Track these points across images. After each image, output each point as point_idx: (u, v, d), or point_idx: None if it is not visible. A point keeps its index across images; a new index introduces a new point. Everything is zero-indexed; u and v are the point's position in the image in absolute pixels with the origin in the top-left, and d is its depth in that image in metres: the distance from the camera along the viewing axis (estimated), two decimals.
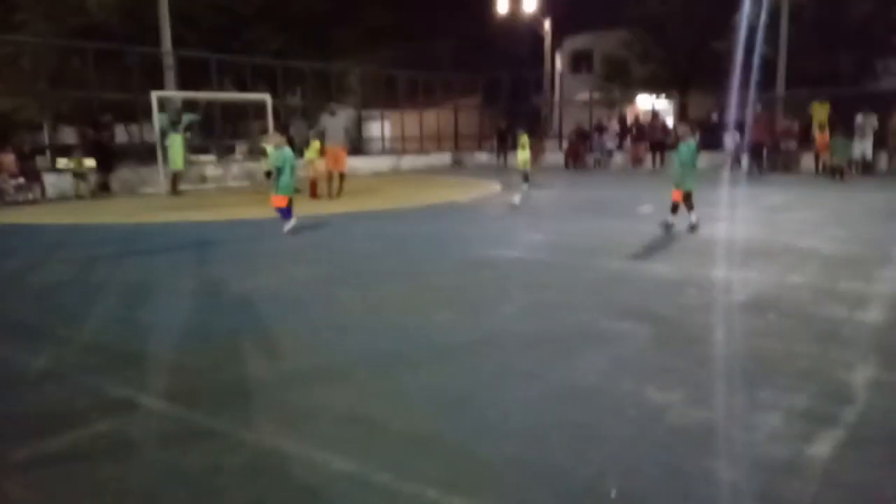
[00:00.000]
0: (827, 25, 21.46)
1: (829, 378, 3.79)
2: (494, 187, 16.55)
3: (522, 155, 13.01)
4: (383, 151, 26.21)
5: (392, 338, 4.67)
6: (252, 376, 3.98)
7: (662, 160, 21.29)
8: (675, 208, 9.10)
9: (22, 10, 24.84)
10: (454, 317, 5.19)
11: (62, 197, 15.09)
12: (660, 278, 6.28)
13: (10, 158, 14.40)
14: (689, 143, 9.20)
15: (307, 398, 3.65)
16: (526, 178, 12.91)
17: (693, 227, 8.91)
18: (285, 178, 9.41)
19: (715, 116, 23.82)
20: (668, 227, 9.00)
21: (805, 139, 19.86)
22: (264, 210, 12.19)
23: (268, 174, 16.64)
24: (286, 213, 9.49)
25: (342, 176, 14.29)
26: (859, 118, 18.12)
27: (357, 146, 25.57)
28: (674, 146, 10.68)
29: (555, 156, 25.05)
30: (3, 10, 25.03)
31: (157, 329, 4.95)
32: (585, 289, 6.01)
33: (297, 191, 9.91)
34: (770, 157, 19.91)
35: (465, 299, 5.75)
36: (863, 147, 18.12)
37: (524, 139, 13.23)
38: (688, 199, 9.05)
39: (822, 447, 2.97)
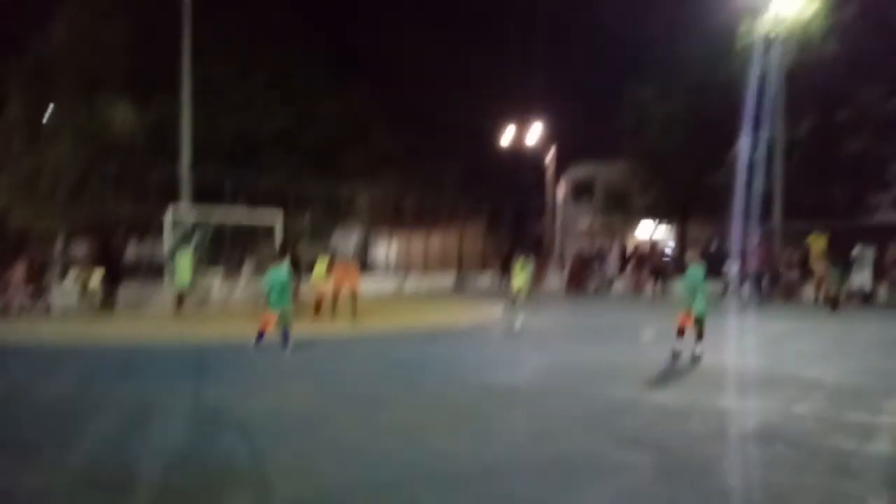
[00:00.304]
0: (821, 161, 22.32)
1: None
2: (497, 311, 16.60)
3: (518, 279, 13.08)
4: (388, 271, 26.56)
5: (393, 465, 4.58)
6: (250, 501, 3.89)
7: (663, 287, 21.47)
8: (681, 332, 8.89)
9: (48, 129, 26.06)
10: (457, 444, 5.11)
11: (67, 310, 15.18)
12: (665, 407, 6.22)
13: (20, 271, 14.61)
14: (697, 267, 9.17)
15: None
16: (515, 302, 12.80)
17: (696, 358, 8.69)
18: (274, 297, 9.42)
19: (714, 245, 24.27)
20: (676, 356, 8.76)
21: (805, 269, 20.11)
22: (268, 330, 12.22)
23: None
24: (283, 335, 9.33)
25: (354, 294, 13.86)
26: (856, 250, 18.46)
27: (363, 265, 25.95)
28: (681, 271, 10.64)
29: (556, 281, 25.31)
30: (31, 129, 26.26)
31: (152, 453, 4.84)
32: (590, 417, 5.94)
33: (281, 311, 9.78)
34: (770, 285, 20.11)
35: (469, 426, 5.68)
36: (861, 278, 18.33)
37: (521, 263, 13.32)
38: (699, 325, 8.81)
39: None
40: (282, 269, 9.59)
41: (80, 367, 8.75)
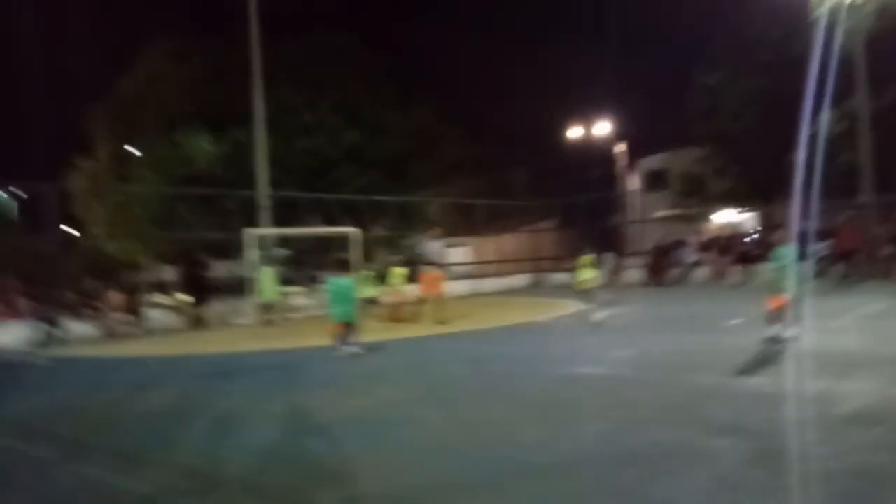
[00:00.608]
0: None
1: None
2: (575, 306, 16.46)
3: (582, 275, 13.18)
4: (464, 276, 26.70)
5: (482, 459, 4.64)
6: (345, 498, 4.03)
7: (747, 273, 20.72)
8: (773, 317, 8.52)
9: (134, 163, 27.56)
10: (544, 436, 5.12)
11: (161, 330, 16.00)
12: (756, 393, 6.04)
13: (117, 296, 15.55)
14: (787, 248, 8.81)
15: None
16: (590, 298, 12.91)
17: (788, 341, 8.31)
18: (338, 307, 9.88)
19: (800, 226, 23.24)
20: (772, 341, 8.38)
21: None
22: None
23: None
24: (339, 340, 9.90)
25: (441, 301, 14.16)
26: None
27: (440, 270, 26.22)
28: (767, 255, 10.23)
29: (635, 273, 24.83)
30: (118, 166, 27.84)
31: (250, 454, 5.09)
32: (678, 405, 5.83)
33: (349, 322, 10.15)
34: (864, 263, 19.08)
35: (555, 418, 5.68)
36: None
37: (585, 260, 13.43)
38: (790, 307, 8.42)
39: None
40: (341, 280, 10.16)
41: (176, 378, 9.22)
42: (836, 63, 18.43)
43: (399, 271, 14.86)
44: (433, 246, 13.31)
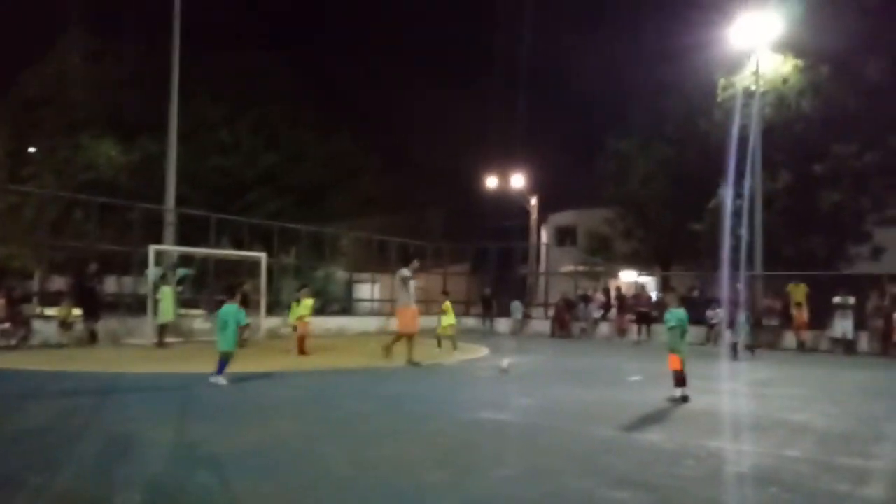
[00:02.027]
0: (799, 212, 22.74)
1: None
2: (482, 351, 16.55)
3: (445, 321, 13.86)
4: (372, 312, 26.41)
5: (385, 499, 4.47)
6: None
7: (648, 332, 21.52)
8: (678, 380, 8.74)
9: (32, 164, 25.99)
10: (446, 479, 5.00)
11: (46, 344, 14.89)
12: (655, 448, 6.15)
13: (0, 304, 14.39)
14: (676, 311, 9.10)
15: None
16: (439, 343, 13.28)
17: (684, 399, 8.64)
18: (227, 333, 9.76)
19: (696, 292, 24.45)
20: (684, 399, 8.61)
21: (786, 317, 20.29)
22: (252, 364, 12.06)
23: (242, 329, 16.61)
24: (221, 366, 9.65)
25: (411, 337, 12.86)
26: (837, 299, 18.70)
27: (346, 307, 25.82)
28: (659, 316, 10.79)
29: (541, 324, 25.31)
30: (13, 163, 26.16)
31: (134, 483, 4.71)
32: (581, 456, 5.86)
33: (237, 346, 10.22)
34: (753, 333, 20.22)
35: (459, 462, 5.58)
36: (843, 327, 18.54)
37: (446, 306, 14.06)
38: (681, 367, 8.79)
39: None
40: (230, 307, 9.98)
41: (59, 394, 8.54)
42: (736, 144, 19.65)
43: (308, 302, 14.49)
44: (413, 286, 12.78)
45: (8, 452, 5.64)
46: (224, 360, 9.73)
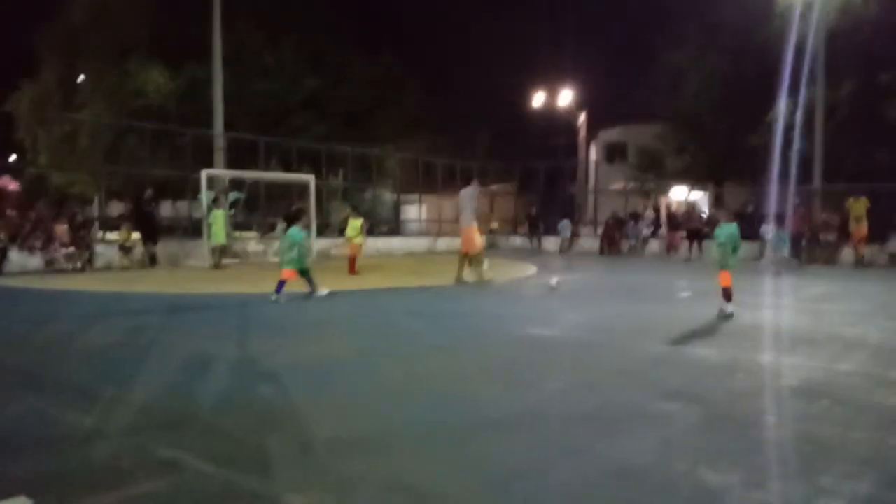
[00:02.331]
0: (862, 124, 21.68)
1: (890, 465, 3.64)
2: (530, 269, 16.60)
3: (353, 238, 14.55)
4: (419, 233, 26.62)
5: (436, 409, 4.63)
6: (295, 442, 3.96)
7: (700, 249, 21.19)
8: (728, 295, 8.73)
9: (83, 93, 26.39)
10: (499, 391, 5.14)
11: (109, 267, 15.53)
12: (705, 362, 6.17)
13: (63, 228, 14.98)
14: (727, 226, 9.05)
15: (351, 465, 3.61)
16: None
17: (727, 315, 8.66)
18: (290, 255, 10.22)
19: (751, 208, 23.84)
20: (727, 316, 8.63)
21: (844, 232, 19.72)
22: (303, 284, 12.38)
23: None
24: (280, 285, 10.07)
25: (468, 256, 12.85)
26: None
27: (394, 227, 26.05)
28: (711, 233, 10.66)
29: (590, 242, 25.18)
30: (65, 92, 26.60)
31: (201, 394, 4.99)
32: (630, 370, 5.92)
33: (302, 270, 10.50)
34: (809, 248, 19.80)
35: (509, 375, 5.71)
36: None
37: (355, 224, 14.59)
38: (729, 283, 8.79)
39: None
40: (293, 229, 10.36)
41: (125, 314, 8.97)
42: (796, 54, 18.69)
43: (356, 223, 14.68)
44: (474, 204, 12.68)
45: (81, 367, 5.99)
46: (309, 279, 10.35)
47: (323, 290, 10.41)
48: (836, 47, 21.20)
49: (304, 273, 10.38)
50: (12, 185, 16.47)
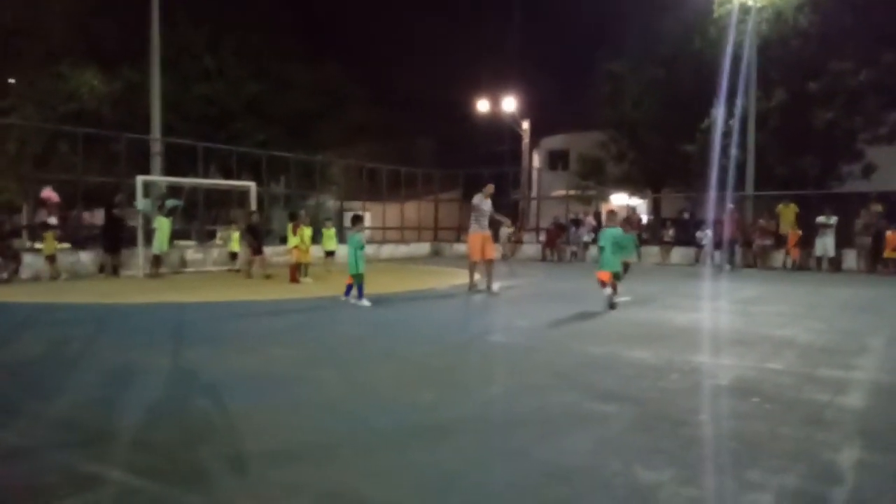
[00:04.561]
0: (792, 131, 22.59)
1: (816, 459, 3.78)
2: (474, 276, 16.64)
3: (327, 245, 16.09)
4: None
5: (377, 417, 4.59)
6: (230, 453, 3.87)
7: (639, 254, 21.67)
8: (603, 285, 10.04)
9: (12, 95, 25.35)
10: (440, 397, 5.13)
11: (37, 278, 14.91)
12: (641, 363, 6.30)
13: None
14: (609, 230, 10.30)
15: (289, 475, 3.55)
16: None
17: (613, 306, 9.87)
18: (350, 259, 10.64)
19: (687, 214, 24.55)
20: (613, 307, 9.87)
21: (778, 238, 20.49)
22: (242, 292, 12.16)
23: (232, 255, 16.96)
24: (360, 290, 10.64)
25: (477, 263, 12.51)
26: (820, 218, 18.96)
27: (337, 234, 25.83)
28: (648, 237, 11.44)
29: (532, 248, 25.47)
30: None
31: (131, 407, 4.81)
32: (567, 372, 5.99)
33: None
34: (742, 253, 20.54)
35: (451, 380, 5.71)
36: (824, 244, 18.85)
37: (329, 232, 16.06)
38: (615, 279, 10.09)
39: None
40: (353, 236, 10.76)
41: (54, 326, 8.61)
42: (730, 63, 19.32)
43: (304, 231, 14.53)
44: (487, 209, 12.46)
45: (3, 381, 5.71)
46: (359, 285, 10.54)
47: (366, 301, 10.47)
48: (769, 57, 22.06)
49: (358, 277, 10.58)
50: None
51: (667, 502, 3.18)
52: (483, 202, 12.35)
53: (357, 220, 11.43)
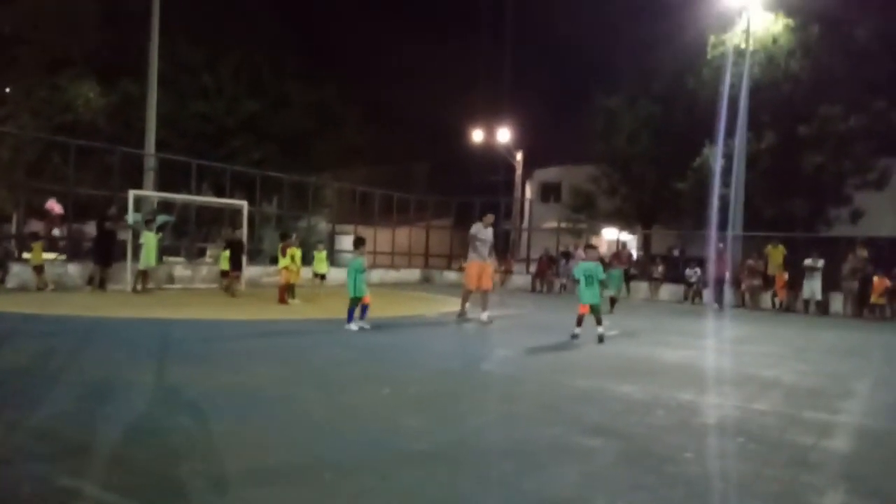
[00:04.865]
0: (782, 173, 22.87)
1: (801, 501, 3.76)
2: (465, 305, 16.61)
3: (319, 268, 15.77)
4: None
5: (360, 441, 4.53)
6: (209, 472, 3.80)
7: (628, 288, 21.73)
8: (578, 321, 10.16)
9: (8, 104, 25.34)
10: (426, 423, 5.08)
11: (24, 288, 14.77)
12: (628, 398, 6.28)
13: None
14: (585, 263, 10.46)
15: (268, 495, 3.49)
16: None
17: (601, 339, 9.91)
18: (350, 282, 10.57)
19: (677, 251, 24.69)
20: (574, 337, 10.03)
21: (766, 278, 20.60)
22: (230, 312, 12.08)
23: (223, 273, 16.90)
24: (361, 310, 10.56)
25: (485, 293, 12.53)
26: (808, 261, 19.07)
27: (328, 257, 25.76)
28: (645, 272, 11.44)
29: (523, 279, 25.49)
30: None
31: (111, 421, 4.73)
32: (554, 405, 5.96)
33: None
34: (735, 293, 20.56)
35: (437, 407, 5.67)
36: (811, 287, 18.93)
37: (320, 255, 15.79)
38: (594, 311, 10.10)
39: None
40: (355, 260, 10.64)
41: (36, 338, 8.50)
42: (723, 104, 19.66)
43: (294, 252, 14.50)
44: (488, 237, 12.46)
45: None
46: (351, 309, 10.32)
47: (354, 326, 10.25)
48: (760, 99, 22.41)
49: (353, 301, 10.38)
50: None
51: None
52: (482, 231, 12.37)
53: (360, 242, 11.32)
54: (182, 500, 3.39)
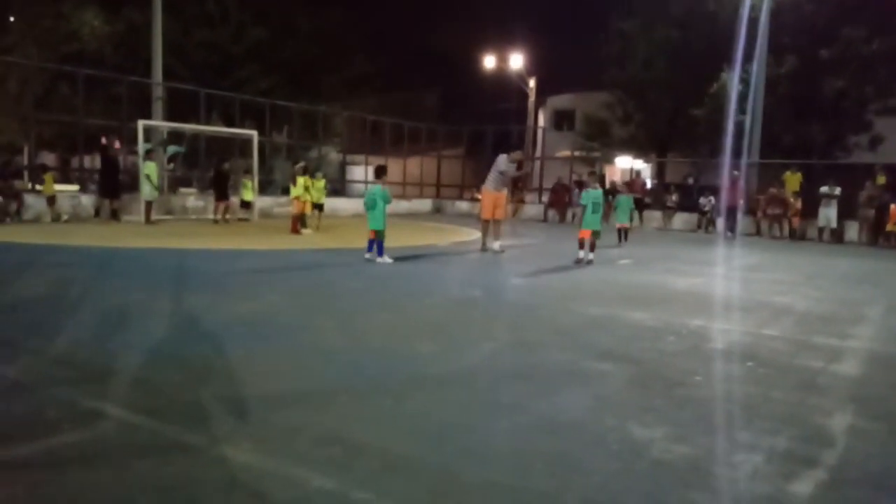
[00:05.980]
0: (801, 99, 22.31)
1: (808, 423, 3.82)
2: (475, 234, 16.65)
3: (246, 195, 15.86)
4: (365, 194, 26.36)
5: (374, 366, 4.62)
6: (228, 395, 3.90)
7: (641, 218, 21.60)
8: (581, 245, 10.69)
9: (13, 34, 24.96)
10: (437, 350, 5.17)
11: (37, 219, 14.90)
12: (638, 325, 6.33)
13: None
14: (589, 191, 10.86)
15: (286, 418, 3.59)
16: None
17: (585, 262, 10.52)
18: (376, 213, 10.26)
19: (691, 179, 24.41)
20: (578, 262, 10.58)
21: (786, 206, 20.32)
22: (243, 241, 12.16)
23: (243, 203, 16.90)
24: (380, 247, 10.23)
25: (497, 223, 12.43)
26: (824, 188, 18.77)
27: (339, 188, 25.73)
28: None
29: (535, 208, 25.40)
30: None
31: (131, 347, 4.84)
32: (566, 331, 6.03)
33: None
34: (755, 220, 20.30)
35: (449, 334, 5.74)
36: (827, 215, 18.70)
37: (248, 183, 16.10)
38: (595, 237, 10.71)
39: (804, 486, 2.98)
40: (377, 187, 10.35)
41: (54, 268, 8.64)
42: (742, 27, 18.93)
43: (301, 181, 14.44)
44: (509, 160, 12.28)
45: (4, 319, 5.74)
46: (380, 241, 9.99)
47: (388, 258, 9.94)
48: (781, 22, 21.66)
49: (379, 234, 10.04)
50: None
51: (659, 458, 3.22)
52: (507, 165, 12.18)
53: (381, 171, 10.81)
54: (203, 422, 3.49)
